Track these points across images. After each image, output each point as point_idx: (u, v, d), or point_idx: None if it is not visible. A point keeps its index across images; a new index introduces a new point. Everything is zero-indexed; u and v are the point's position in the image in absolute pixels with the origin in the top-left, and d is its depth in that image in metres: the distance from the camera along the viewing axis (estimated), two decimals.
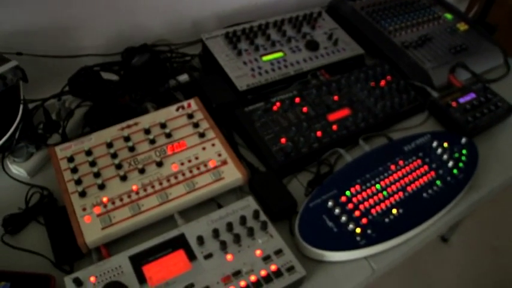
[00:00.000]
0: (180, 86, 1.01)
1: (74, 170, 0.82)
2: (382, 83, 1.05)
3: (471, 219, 2.03)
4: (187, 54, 1.12)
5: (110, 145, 0.86)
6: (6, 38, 0.97)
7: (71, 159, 0.83)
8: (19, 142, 0.89)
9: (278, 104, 0.96)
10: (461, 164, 0.90)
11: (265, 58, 1.06)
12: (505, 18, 1.56)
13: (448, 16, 1.26)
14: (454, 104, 1.02)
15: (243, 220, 0.76)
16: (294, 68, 1.05)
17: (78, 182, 0.80)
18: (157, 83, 1.00)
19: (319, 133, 0.92)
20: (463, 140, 0.94)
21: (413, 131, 0.99)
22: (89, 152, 0.84)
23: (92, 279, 0.69)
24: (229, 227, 0.75)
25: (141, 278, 0.69)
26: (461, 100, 1.03)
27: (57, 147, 0.86)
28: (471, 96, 1.05)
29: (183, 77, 1.02)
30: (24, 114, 0.89)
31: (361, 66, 1.10)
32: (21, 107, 0.89)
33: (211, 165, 0.84)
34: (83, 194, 0.78)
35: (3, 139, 0.86)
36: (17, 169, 0.88)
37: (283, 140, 0.90)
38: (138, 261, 0.71)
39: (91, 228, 0.75)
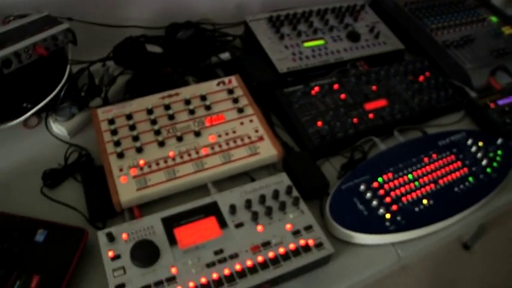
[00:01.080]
0: (222, 63, 1.03)
1: (114, 132, 0.84)
2: (421, 78, 1.05)
3: (496, 229, 2.00)
4: (229, 35, 1.14)
5: (150, 111, 0.88)
6: (59, 4, 1.01)
7: (111, 121, 0.86)
8: (63, 102, 0.92)
9: (317, 88, 0.96)
10: (495, 164, 0.89)
11: (306, 44, 1.07)
12: None
13: (494, 19, 1.25)
14: (492, 105, 1.01)
15: (275, 194, 0.77)
16: (334, 56, 1.06)
17: (117, 143, 0.82)
18: (200, 58, 1.02)
19: (355, 120, 0.93)
20: (499, 141, 0.93)
21: (449, 128, 0.99)
22: (129, 116, 0.87)
23: (124, 236, 0.71)
24: (262, 199, 0.76)
25: (172, 240, 0.71)
26: (500, 102, 1.03)
27: (99, 109, 0.88)
28: (510, 99, 1.04)
29: (225, 55, 1.04)
30: (70, 75, 0.92)
31: (401, 61, 1.11)
32: (68, 68, 0.92)
33: (247, 139, 0.85)
34: (121, 156, 0.81)
35: (48, 98, 0.89)
36: (58, 128, 0.91)
37: (319, 123, 0.90)
38: (170, 224, 0.73)
39: (126, 189, 0.77)
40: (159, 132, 0.85)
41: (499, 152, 0.92)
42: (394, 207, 0.79)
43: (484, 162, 0.89)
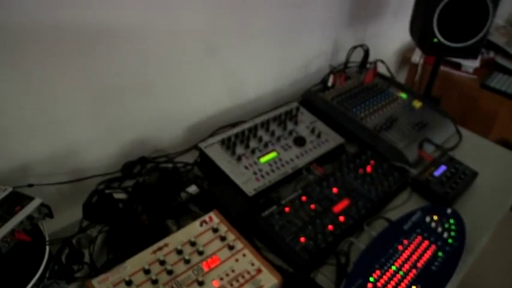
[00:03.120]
0: (192, 198, 1.11)
1: None
2: (368, 168, 1.23)
3: None
4: (187, 164, 1.23)
5: (147, 271, 0.93)
6: (16, 173, 1.03)
7: None
8: (48, 278, 0.93)
9: (289, 205, 1.09)
10: (453, 233, 1.08)
11: (262, 160, 1.20)
12: (443, 89, 1.87)
13: (403, 95, 1.50)
14: (431, 178, 1.22)
15: None
16: (290, 165, 1.20)
17: None
18: (169, 197, 1.09)
19: (330, 227, 1.06)
20: (448, 211, 1.13)
21: (404, 208, 1.17)
22: (128, 282, 0.91)
23: None
24: None
25: None
26: (436, 173, 1.24)
27: (94, 280, 0.91)
28: (443, 168, 1.26)
29: (193, 189, 1.12)
30: (50, 254, 0.94)
31: (343, 152, 1.29)
32: (47, 248, 0.93)
33: (248, 275, 0.94)
34: None
35: (32, 283, 0.90)
36: None
37: (302, 239, 1.02)
38: None
39: None
40: None
41: (451, 221, 1.11)
42: None
43: (445, 235, 1.07)
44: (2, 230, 0.87)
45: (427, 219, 1.11)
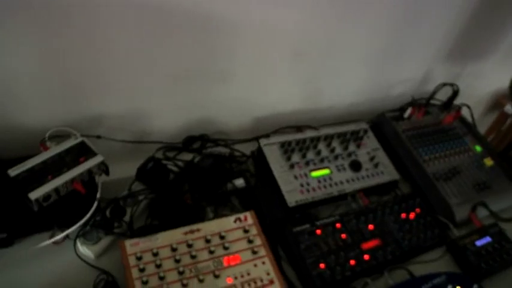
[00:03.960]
0: (236, 190, 1.19)
1: (142, 270, 0.99)
2: (412, 215, 1.25)
3: None
4: (244, 154, 1.31)
5: (174, 249, 1.03)
6: (89, 122, 1.16)
7: (139, 257, 1.01)
8: (90, 225, 1.06)
9: (321, 228, 1.15)
10: None
11: (314, 174, 1.25)
12: None
13: (478, 148, 1.46)
14: (470, 246, 1.22)
15: None
16: (338, 188, 1.25)
17: (145, 282, 0.97)
18: (216, 185, 1.18)
19: (352, 262, 1.11)
20: (475, 286, 1.14)
21: (431, 265, 1.19)
22: (155, 253, 1.02)
23: None
24: None
25: None
26: (478, 243, 1.23)
27: (126, 241, 1.03)
28: (487, 240, 1.25)
29: (240, 182, 1.20)
30: (99, 206, 1.06)
31: (395, 189, 1.31)
32: (96, 203, 1.05)
33: (260, 282, 1.02)
34: None
35: (78, 224, 1.03)
36: (85, 250, 1.05)
37: (322, 265, 1.08)
38: None
39: None
40: (183, 272, 1.00)
41: None
42: None
43: None
44: (65, 176, 1.00)
45: (450, 287, 1.13)
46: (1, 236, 1.01)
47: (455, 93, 1.49)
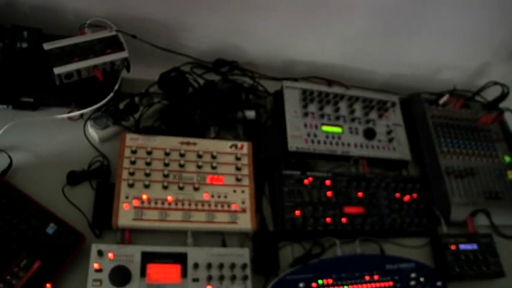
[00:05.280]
0: (244, 120, 1.27)
1: (133, 162, 1.11)
2: (406, 198, 1.28)
3: None
4: (266, 91, 1.38)
5: (167, 153, 1.14)
6: (130, 21, 1.26)
7: (134, 151, 1.13)
8: (103, 111, 1.19)
9: (311, 179, 1.21)
10: None
11: (324, 128, 1.30)
12: None
13: (507, 159, 1.43)
14: (453, 247, 1.24)
15: (232, 266, 1.05)
16: (343, 148, 1.29)
17: (132, 173, 1.10)
18: (228, 109, 1.26)
19: (328, 219, 1.18)
20: (439, 283, 1.17)
21: (406, 251, 1.24)
22: (149, 152, 1.13)
23: (111, 255, 1.00)
24: (221, 266, 1.04)
25: (143, 272, 1.00)
26: (462, 247, 1.25)
27: (128, 134, 1.15)
28: (472, 247, 1.26)
29: (250, 113, 1.27)
30: (116, 97, 1.18)
31: (402, 169, 1.34)
32: (111, 94, 1.17)
33: (233, 207, 1.12)
34: (131, 185, 1.09)
35: (95, 106, 1.16)
36: (93, 133, 1.18)
37: (297, 212, 1.16)
38: (147, 258, 1.01)
39: (125, 215, 1.05)
40: (168, 175, 1.12)
41: None
42: None
43: None
44: (89, 61, 1.13)
45: (413, 275, 1.17)
46: (28, 99, 1.17)
47: (504, 95, 1.44)
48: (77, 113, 1.17)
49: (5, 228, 0.98)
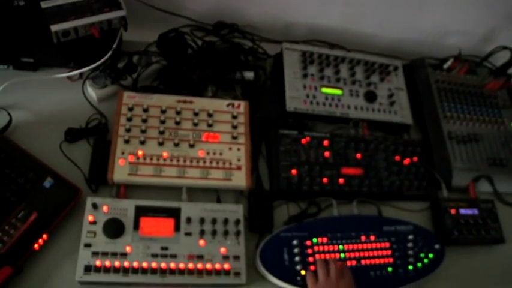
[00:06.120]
0: (243, 81, 1.28)
1: (129, 119, 1.14)
2: (406, 161, 1.28)
3: None
4: (266, 53, 1.39)
5: (163, 111, 1.17)
6: None
7: (131, 108, 1.15)
8: (101, 71, 1.22)
9: (308, 138, 1.22)
10: (419, 265, 1.14)
11: (324, 90, 1.31)
12: None
13: None
14: (453, 211, 1.24)
15: (225, 221, 1.07)
16: (343, 110, 1.29)
17: (128, 130, 1.13)
18: (226, 69, 1.27)
19: (325, 180, 1.19)
20: (437, 246, 1.18)
21: (405, 214, 1.24)
22: (146, 110, 1.16)
23: (105, 208, 1.03)
24: (214, 221, 1.06)
25: (136, 225, 1.03)
26: (462, 211, 1.25)
27: (125, 92, 1.18)
28: (473, 211, 1.26)
29: (249, 74, 1.29)
30: (114, 56, 1.20)
31: (403, 133, 1.34)
32: (110, 52, 1.19)
33: (228, 164, 1.14)
34: (127, 141, 1.11)
35: (93, 65, 1.18)
36: (91, 92, 1.21)
37: (294, 171, 1.17)
38: (140, 212, 1.05)
39: (121, 170, 1.08)
40: (163, 132, 1.14)
41: (430, 256, 1.16)
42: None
43: (411, 259, 1.14)
44: (86, 19, 1.14)
45: (411, 237, 1.17)
46: (28, 60, 1.21)
47: None
48: (76, 72, 1.20)
49: (3, 181, 1.02)
